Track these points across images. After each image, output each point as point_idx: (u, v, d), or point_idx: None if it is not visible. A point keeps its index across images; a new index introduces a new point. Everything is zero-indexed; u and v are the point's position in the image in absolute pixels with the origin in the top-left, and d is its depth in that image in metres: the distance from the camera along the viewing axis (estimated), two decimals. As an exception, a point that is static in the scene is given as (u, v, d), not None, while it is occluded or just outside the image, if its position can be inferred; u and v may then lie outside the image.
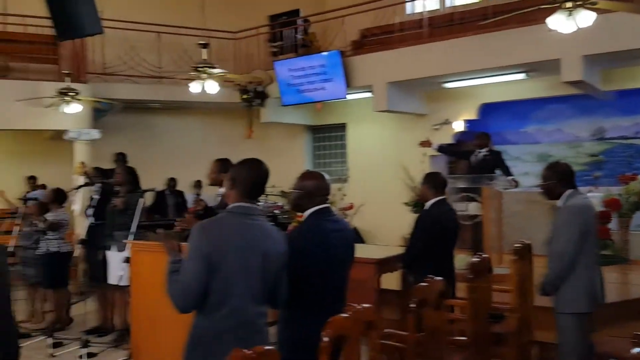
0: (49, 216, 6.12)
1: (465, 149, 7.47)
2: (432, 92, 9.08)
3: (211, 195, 5.29)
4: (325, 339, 1.95)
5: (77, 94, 7.51)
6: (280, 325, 2.66)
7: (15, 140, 9.83)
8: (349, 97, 8.79)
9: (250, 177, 2.37)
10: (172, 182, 9.12)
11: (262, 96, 9.41)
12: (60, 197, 6.23)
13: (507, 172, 6.65)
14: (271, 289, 2.35)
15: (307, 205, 2.68)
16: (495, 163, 6.69)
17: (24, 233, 6.32)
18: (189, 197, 9.66)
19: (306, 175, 2.77)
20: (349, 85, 8.48)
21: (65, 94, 7.39)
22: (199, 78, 6.04)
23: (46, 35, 8.31)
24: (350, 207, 8.45)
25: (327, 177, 2.78)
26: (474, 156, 6.75)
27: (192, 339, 2.26)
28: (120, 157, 8.02)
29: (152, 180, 6.89)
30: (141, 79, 9.47)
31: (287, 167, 4.57)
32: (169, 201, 9.01)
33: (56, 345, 5.49)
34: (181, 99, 9.65)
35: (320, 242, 2.58)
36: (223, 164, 4.37)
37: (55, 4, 5.06)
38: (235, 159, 2.50)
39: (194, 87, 6.13)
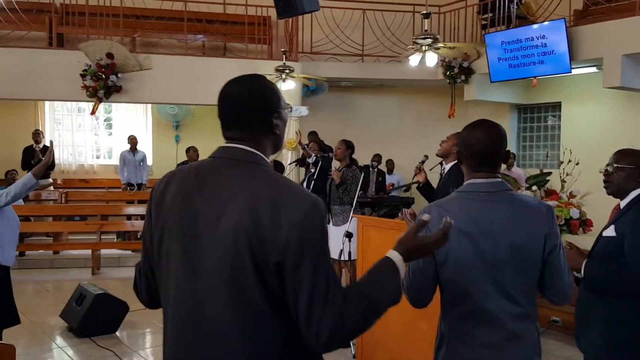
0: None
1: None
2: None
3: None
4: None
5: (292, 71, 7.77)
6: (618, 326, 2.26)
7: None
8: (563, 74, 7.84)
9: (477, 144, 1.87)
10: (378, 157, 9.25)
11: (468, 72, 8.88)
12: (279, 170, 6.51)
13: None
14: (537, 281, 1.86)
15: (631, 185, 2.29)
16: None
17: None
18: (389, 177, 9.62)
19: (636, 153, 2.34)
20: (573, 58, 7.56)
21: (282, 71, 7.69)
22: (419, 50, 5.78)
23: (260, 17, 8.79)
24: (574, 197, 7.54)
25: None
26: None
27: (438, 336, 1.96)
28: (313, 135, 8.16)
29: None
30: (344, 57, 9.56)
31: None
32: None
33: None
34: (382, 76, 9.57)
35: None
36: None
37: (277, -16, 5.12)
38: (431, 139, 2.02)
39: (414, 60, 5.89)
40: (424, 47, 5.72)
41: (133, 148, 9.14)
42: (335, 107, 10.35)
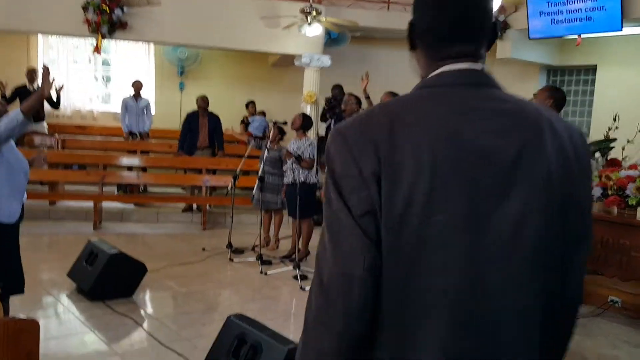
0: (293, 144, 5.83)
1: None
2: None
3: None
4: None
5: (320, 13, 7.04)
6: None
7: (239, 64, 9.90)
8: (607, 33, 7.23)
9: None
10: None
11: (503, 27, 8.22)
12: (307, 124, 5.88)
13: None
14: None
15: None
16: None
17: (268, 159, 6.12)
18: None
19: None
20: (624, 16, 6.94)
21: (308, 13, 6.95)
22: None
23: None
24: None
25: None
26: None
27: None
28: (338, 90, 7.61)
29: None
30: (369, 5, 8.82)
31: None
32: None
33: (303, 277, 5.26)
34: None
35: None
36: (553, 91, 3.69)
37: None
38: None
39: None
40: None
41: (137, 94, 8.34)
42: (356, 61, 9.61)
